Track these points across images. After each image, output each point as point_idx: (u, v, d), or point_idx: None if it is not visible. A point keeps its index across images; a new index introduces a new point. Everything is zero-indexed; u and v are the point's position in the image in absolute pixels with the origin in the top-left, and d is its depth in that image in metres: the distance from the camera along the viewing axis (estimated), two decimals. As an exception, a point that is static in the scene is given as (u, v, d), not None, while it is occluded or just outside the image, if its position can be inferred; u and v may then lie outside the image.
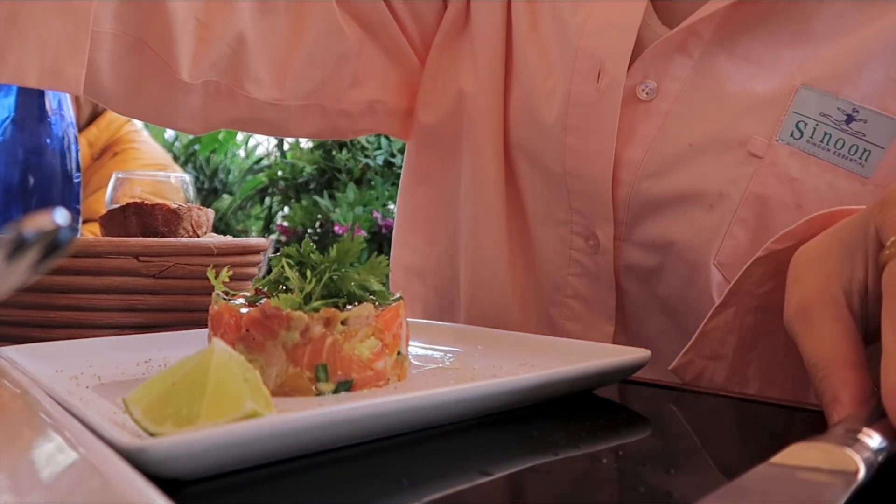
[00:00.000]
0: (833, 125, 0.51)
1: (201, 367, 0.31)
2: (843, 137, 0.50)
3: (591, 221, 0.60)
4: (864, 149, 0.50)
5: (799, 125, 0.51)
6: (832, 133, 0.50)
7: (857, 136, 0.50)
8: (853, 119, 0.50)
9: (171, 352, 0.49)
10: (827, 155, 0.51)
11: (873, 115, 0.50)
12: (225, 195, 3.41)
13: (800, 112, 0.51)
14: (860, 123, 0.50)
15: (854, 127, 0.50)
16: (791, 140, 0.51)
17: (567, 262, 0.62)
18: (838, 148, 0.51)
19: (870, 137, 0.50)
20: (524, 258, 0.66)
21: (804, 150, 0.51)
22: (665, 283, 0.59)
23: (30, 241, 0.25)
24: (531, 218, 0.65)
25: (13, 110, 0.70)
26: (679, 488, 0.29)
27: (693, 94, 0.55)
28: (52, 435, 0.30)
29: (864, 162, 0.50)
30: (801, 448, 0.27)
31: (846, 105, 0.50)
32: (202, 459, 0.28)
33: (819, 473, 0.25)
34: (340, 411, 0.31)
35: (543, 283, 0.64)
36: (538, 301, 0.65)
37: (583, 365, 0.42)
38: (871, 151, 0.50)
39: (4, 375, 0.39)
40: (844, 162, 0.51)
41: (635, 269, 0.60)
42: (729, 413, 0.44)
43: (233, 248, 0.65)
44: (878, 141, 0.50)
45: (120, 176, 0.79)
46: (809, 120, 0.51)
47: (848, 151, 0.50)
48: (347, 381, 0.42)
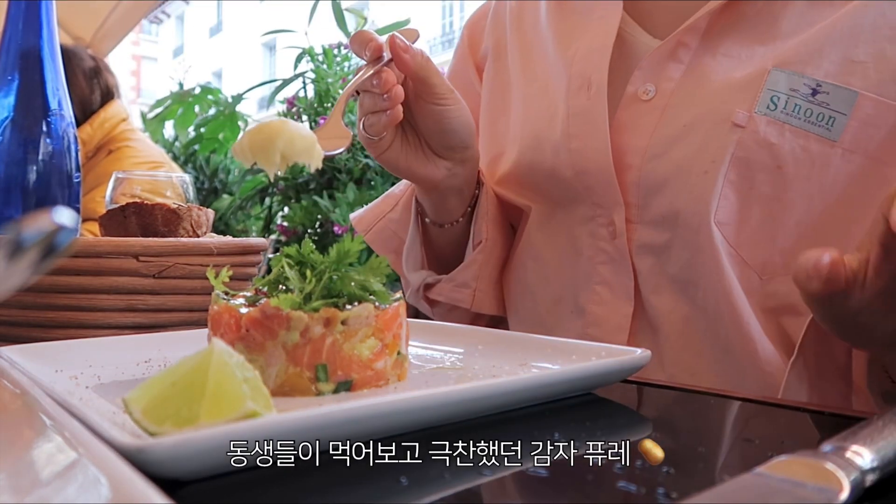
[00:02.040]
0: (801, 98, 0.61)
1: (201, 367, 0.31)
2: (811, 107, 0.60)
3: (607, 209, 0.69)
4: (830, 116, 0.60)
5: (773, 99, 0.61)
6: (801, 104, 0.61)
7: (822, 105, 0.60)
8: (818, 92, 0.60)
9: (171, 352, 0.49)
10: (799, 122, 0.61)
11: (834, 88, 0.60)
12: (225, 195, 3.41)
13: (773, 89, 0.61)
14: (824, 95, 0.60)
15: (819, 98, 0.60)
16: (767, 111, 0.61)
17: (596, 252, 0.71)
18: (807, 116, 0.61)
19: (833, 106, 0.60)
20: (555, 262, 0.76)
21: (779, 119, 0.61)
22: (675, 257, 0.67)
23: (30, 241, 0.25)
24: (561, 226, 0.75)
25: (13, 110, 0.70)
26: (678, 488, 0.29)
27: (685, 89, 0.66)
28: (52, 435, 0.30)
29: (831, 127, 0.60)
30: (789, 462, 0.27)
31: (811, 81, 0.61)
32: (202, 459, 0.28)
33: (801, 490, 0.25)
34: (340, 411, 0.31)
35: (577, 275, 0.73)
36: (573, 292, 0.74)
37: (583, 365, 0.42)
38: (835, 118, 0.60)
39: (4, 375, 0.39)
40: (814, 128, 0.61)
41: (647, 248, 0.68)
42: (729, 413, 0.44)
43: (233, 248, 0.65)
44: (840, 109, 0.60)
45: (119, 176, 0.78)
46: (781, 94, 0.61)
47: (816, 119, 0.61)
48: (347, 381, 0.42)
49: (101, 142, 1.86)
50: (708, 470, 0.33)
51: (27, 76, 0.70)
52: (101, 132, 1.85)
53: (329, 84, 2.36)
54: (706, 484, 0.27)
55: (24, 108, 0.70)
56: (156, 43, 26.92)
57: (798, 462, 0.27)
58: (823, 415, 0.43)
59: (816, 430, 0.42)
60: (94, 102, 1.87)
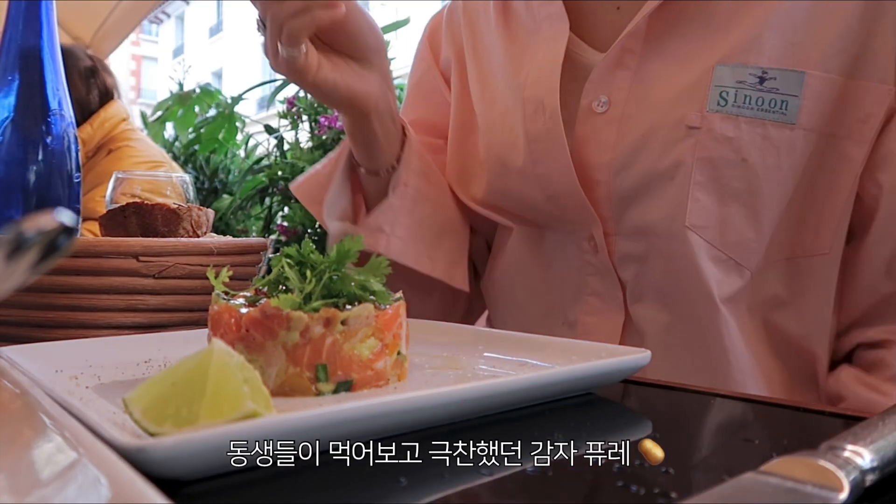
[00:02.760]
0: (750, 88, 0.61)
1: (201, 367, 0.31)
2: (761, 95, 0.61)
3: (585, 226, 0.69)
4: (782, 100, 0.61)
5: (722, 94, 0.62)
6: (751, 94, 0.61)
7: (772, 91, 0.61)
8: (765, 79, 0.61)
9: (171, 352, 0.49)
10: (752, 112, 0.61)
11: (780, 72, 0.61)
12: (225, 195, 3.41)
13: (720, 84, 0.62)
14: (772, 81, 0.61)
15: (767, 85, 0.61)
16: (718, 108, 0.62)
17: (584, 264, 0.71)
18: (760, 105, 0.61)
19: (784, 90, 0.61)
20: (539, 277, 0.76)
21: (732, 113, 0.62)
22: (653, 266, 0.67)
23: (30, 241, 0.25)
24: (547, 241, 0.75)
25: (13, 110, 0.70)
26: (678, 488, 0.29)
27: (637, 96, 0.66)
28: (52, 435, 0.30)
29: (786, 111, 0.61)
30: (789, 462, 0.27)
31: (756, 70, 0.61)
32: (202, 459, 0.28)
33: (801, 490, 0.25)
34: (340, 411, 0.31)
35: (566, 289, 0.74)
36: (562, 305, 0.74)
37: (583, 365, 0.42)
38: (788, 101, 0.61)
39: (4, 375, 0.39)
40: (769, 115, 0.61)
41: (628, 258, 0.68)
42: (729, 413, 0.44)
43: (233, 248, 0.65)
44: (791, 91, 0.61)
45: (119, 175, 0.78)
46: (729, 88, 0.61)
47: (769, 105, 0.61)
48: (347, 381, 0.42)
49: (101, 141, 1.86)
50: (708, 470, 0.33)
51: (27, 76, 0.70)
52: (101, 132, 1.85)
53: (329, 84, 2.36)
54: (706, 484, 0.27)
55: (24, 108, 0.70)
56: (156, 43, 26.92)
57: (798, 462, 0.27)
58: (823, 415, 0.43)
59: (816, 430, 0.42)
60: (92, 102, 1.86)
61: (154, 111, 3.35)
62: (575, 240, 0.71)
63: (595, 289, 0.71)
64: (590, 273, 0.71)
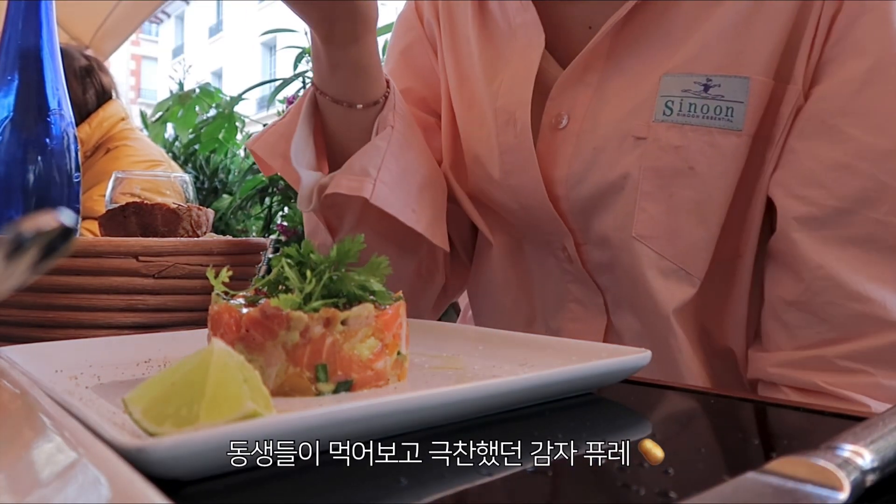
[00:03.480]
0: (695, 96, 0.61)
1: (201, 367, 0.31)
2: (706, 103, 0.61)
3: (557, 237, 0.70)
4: (728, 107, 0.60)
5: (668, 104, 0.62)
6: (696, 102, 0.61)
7: (717, 98, 0.61)
8: (709, 87, 0.61)
9: (171, 352, 0.49)
10: (698, 120, 0.61)
11: (724, 79, 0.60)
12: (225, 195, 3.41)
13: (665, 94, 0.62)
14: (716, 88, 0.61)
15: (712, 92, 0.61)
16: (664, 118, 0.62)
17: (563, 272, 0.72)
18: (705, 112, 0.61)
19: (728, 97, 0.60)
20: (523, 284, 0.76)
21: (678, 122, 0.61)
22: (618, 276, 0.68)
23: (30, 241, 0.25)
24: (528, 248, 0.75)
25: (13, 110, 0.70)
26: (678, 488, 0.29)
27: (595, 112, 0.66)
28: (52, 435, 0.30)
29: (732, 117, 0.60)
30: (789, 462, 0.27)
31: (700, 78, 0.61)
32: (202, 459, 0.28)
33: (800, 490, 0.25)
34: (340, 411, 0.31)
35: (548, 296, 0.74)
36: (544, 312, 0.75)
37: (583, 365, 0.42)
38: (733, 108, 0.60)
39: (4, 375, 0.39)
40: (715, 122, 0.61)
41: (600, 267, 0.70)
42: (729, 413, 0.44)
43: (233, 248, 0.65)
44: (737, 98, 0.60)
45: (119, 175, 0.79)
46: (675, 98, 0.61)
47: (714, 113, 0.61)
48: (347, 381, 0.42)
49: (99, 141, 1.86)
50: (708, 470, 0.33)
51: (27, 76, 0.70)
52: (99, 131, 1.85)
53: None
54: (706, 484, 0.27)
55: (24, 107, 0.70)
56: (156, 43, 26.93)
57: (798, 462, 0.27)
58: (823, 415, 0.43)
59: (816, 430, 0.42)
60: (89, 102, 1.86)
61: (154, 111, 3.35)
62: (552, 250, 0.72)
63: (576, 296, 0.71)
64: (569, 280, 0.71)
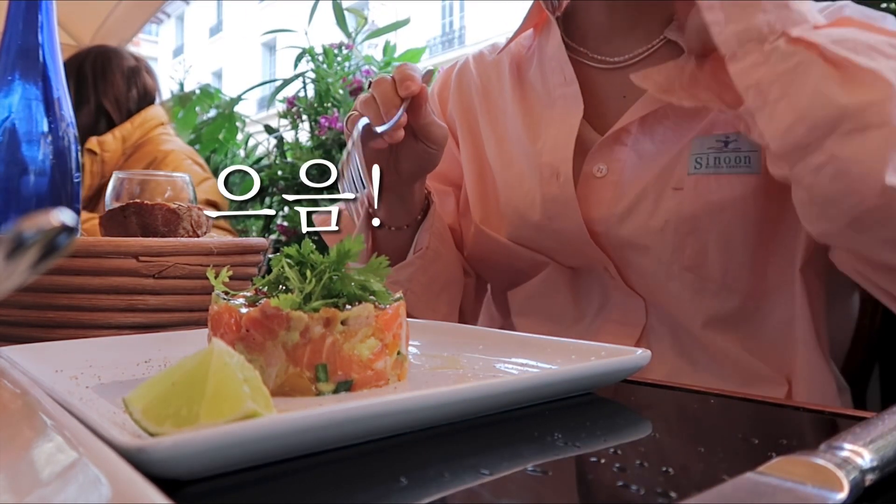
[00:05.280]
0: (718, 151, 0.74)
1: (201, 367, 0.31)
2: (728, 156, 0.74)
3: (598, 264, 0.82)
4: (746, 156, 0.73)
5: (698, 160, 0.75)
6: (720, 156, 0.74)
7: (736, 151, 0.73)
8: (728, 143, 0.74)
9: (171, 352, 0.49)
10: (725, 170, 0.74)
11: (737, 135, 0.73)
12: (225, 195, 3.40)
13: (696, 152, 0.75)
14: (734, 143, 0.74)
15: (732, 146, 0.74)
16: (695, 171, 0.75)
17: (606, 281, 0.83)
18: (729, 163, 0.73)
19: (744, 148, 0.73)
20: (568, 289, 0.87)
21: (709, 173, 0.74)
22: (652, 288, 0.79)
23: (30, 241, 0.25)
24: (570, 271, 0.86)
25: (13, 110, 0.70)
26: (678, 488, 0.29)
27: (631, 166, 0.79)
28: (53, 435, 0.30)
29: (750, 164, 0.73)
30: (788, 462, 0.27)
31: (721, 136, 0.74)
32: (202, 459, 0.28)
33: (800, 490, 0.25)
34: (340, 411, 0.31)
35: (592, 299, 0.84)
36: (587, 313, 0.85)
37: (583, 365, 0.42)
38: (751, 156, 0.73)
39: (5, 375, 0.39)
40: (738, 169, 0.73)
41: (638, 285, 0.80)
42: (729, 413, 0.44)
43: (233, 248, 0.65)
44: (751, 147, 0.72)
45: (119, 175, 0.78)
46: (703, 154, 0.75)
47: (736, 162, 0.73)
48: (347, 381, 0.42)
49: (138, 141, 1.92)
50: (708, 470, 0.33)
51: (27, 76, 0.70)
52: (140, 131, 1.92)
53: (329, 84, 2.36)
54: (706, 484, 0.27)
55: (24, 107, 0.70)
56: (156, 43, 26.91)
57: (798, 462, 0.27)
58: (823, 415, 0.43)
59: (816, 430, 0.42)
60: (131, 100, 1.92)
61: (154, 111, 3.35)
62: (594, 269, 0.83)
63: (617, 301, 0.81)
64: (613, 288, 0.82)
